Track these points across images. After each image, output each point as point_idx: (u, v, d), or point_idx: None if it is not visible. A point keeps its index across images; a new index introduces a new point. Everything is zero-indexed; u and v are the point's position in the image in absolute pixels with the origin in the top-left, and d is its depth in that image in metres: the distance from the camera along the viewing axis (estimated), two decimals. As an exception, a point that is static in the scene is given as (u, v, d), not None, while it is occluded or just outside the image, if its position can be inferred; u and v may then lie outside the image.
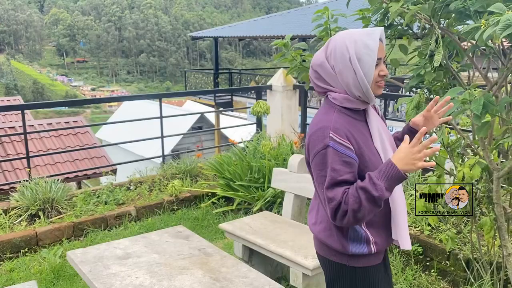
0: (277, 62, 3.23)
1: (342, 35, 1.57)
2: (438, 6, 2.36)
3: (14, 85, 77.83)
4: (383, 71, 1.54)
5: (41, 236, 3.57)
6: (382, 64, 1.56)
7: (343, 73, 1.52)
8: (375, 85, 1.54)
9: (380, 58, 1.53)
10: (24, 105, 4.50)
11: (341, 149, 1.46)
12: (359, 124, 1.56)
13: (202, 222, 4.16)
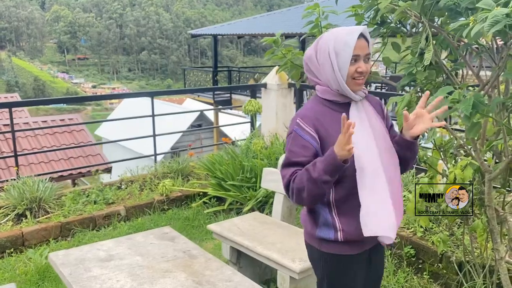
0: (275, 60, 3.16)
1: (330, 31, 1.67)
2: (428, 3, 2.29)
3: (15, 82, 77.87)
4: (360, 67, 1.59)
5: (27, 236, 3.51)
6: (362, 61, 1.60)
7: (324, 66, 1.62)
8: (352, 80, 1.60)
9: (358, 55, 1.58)
10: (11, 103, 4.43)
11: (302, 134, 1.59)
12: (339, 117, 1.55)
13: (193, 222, 4.10)
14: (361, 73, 1.59)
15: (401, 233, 3.47)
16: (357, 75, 1.59)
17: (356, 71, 1.58)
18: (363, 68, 1.59)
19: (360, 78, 1.60)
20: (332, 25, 2.89)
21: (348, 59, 1.56)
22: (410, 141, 1.65)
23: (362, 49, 1.58)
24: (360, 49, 1.58)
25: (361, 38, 1.59)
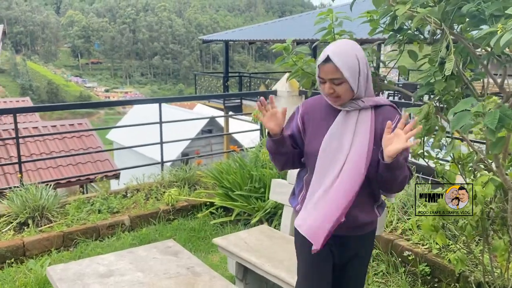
0: (283, 66, 3.02)
1: None
2: (449, 9, 2.15)
3: (29, 85, 78.85)
4: (324, 90, 1.72)
5: (28, 246, 3.42)
6: (327, 84, 1.70)
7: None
8: (327, 96, 1.76)
9: (323, 78, 1.70)
10: (15, 109, 4.37)
11: (294, 116, 1.91)
12: (332, 115, 1.78)
13: (199, 233, 3.97)
14: (330, 94, 1.71)
15: (415, 249, 3.31)
16: (326, 94, 1.73)
17: (324, 91, 1.72)
18: (326, 91, 1.71)
19: (331, 97, 1.72)
20: (345, 32, 2.76)
21: (317, 79, 1.74)
22: (384, 162, 1.66)
23: (326, 73, 1.68)
24: (324, 73, 1.69)
25: (327, 63, 1.67)
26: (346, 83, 1.69)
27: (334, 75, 1.67)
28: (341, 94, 1.70)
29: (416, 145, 2.66)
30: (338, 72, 1.67)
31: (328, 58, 1.66)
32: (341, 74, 1.67)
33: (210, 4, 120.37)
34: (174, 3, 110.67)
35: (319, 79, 1.72)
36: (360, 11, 2.71)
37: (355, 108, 1.74)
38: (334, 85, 1.69)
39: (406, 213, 3.73)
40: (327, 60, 1.67)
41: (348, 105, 1.74)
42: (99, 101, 16.63)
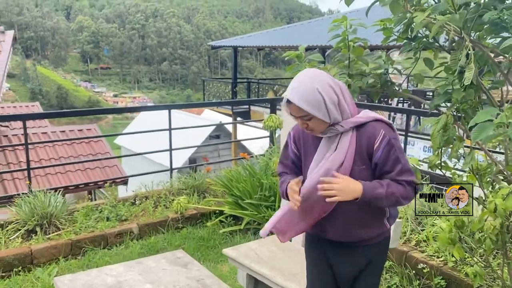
0: (292, 72, 2.96)
1: None
2: (469, 17, 2.09)
3: (39, 90, 79.60)
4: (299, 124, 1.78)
5: (36, 254, 3.38)
6: (299, 120, 1.74)
7: None
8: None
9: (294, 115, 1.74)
10: (25, 115, 4.35)
11: (289, 143, 1.96)
12: (318, 140, 1.82)
13: (208, 242, 3.91)
14: (305, 129, 1.76)
15: (430, 262, 3.23)
16: (303, 129, 1.79)
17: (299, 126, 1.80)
18: (300, 126, 1.78)
19: (307, 131, 1.78)
20: (359, 39, 2.71)
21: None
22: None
23: (294, 112, 1.73)
24: (293, 112, 1.73)
25: (290, 104, 1.71)
26: (316, 118, 1.70)
27: (300, 113, 1.70)
28: (314, 128, 1.74)
29: (433, 156, 2.60)
30: (303, 110, 1.69)
31: (288, 101, 1.70)
32: (306, 112, 1.69)
33: (219, 10, 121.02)
34: (183, 9, 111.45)
35: (293, 117, 1.76)
36: (372, 17, 2.66)
37: (335, 133, 1.77)
38: (305, 121, 1.72)
39: (420, 224, 3.65)
40: (288, 102, 1.71)
41: (328, 131, 1.76)
42: (108, 108, 16.67)
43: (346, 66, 2.79)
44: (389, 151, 1.75)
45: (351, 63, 2.77)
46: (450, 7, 2.06)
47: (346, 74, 2.75)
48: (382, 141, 1.75)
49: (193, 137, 17.94)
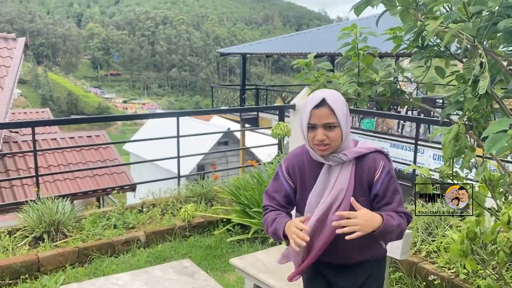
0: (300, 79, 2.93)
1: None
2: (483, 25, 2.05)
3: (49, 96, 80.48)
4: (317, 136, 1.64)
5: (43, 262, 3.37)
6: (319, 129, 1.64)
7: (301, 129, 1.73)
8: (314, 146, 1.69)
9: (315, 124, 1.64)
10: (34, 122, 4.37)
11: (280, 175, 1.85)
12: (316, 170, 1.76)
13: (215, 251, 3.88)
14: (321, 141, 1.64)
15: (441, 273, 3.16)
16: (316, 142, 1.65)
17: (315, 138, 1.65)
18: (319, 137, 1.63)
19: (320, 145, 1.66)
20: (369, 47, 2.67)
21: (305, 127, 1.67)
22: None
23: (319, 118, 1.63)
24: (317, 118, 1.63)
25: (322, 107, 1.63)
26: (338, 129, 1.66)
27: (328, 119, 1.64)
28: (331, 141, 1.66)
29: (445, 166, 2.56)
30: (333, 116, 1.64)
31: (323, 101, 1.64)
32: (335, 118, 1.64)
33: (228, 17, 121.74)
34: (192, 17, 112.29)
35: (309, 125, 1.66)
36: (382, 24, 2.63)
37: (338, 162, 1.72)
38: (327, 131, 1.65)
39: (431, 235, 3.59)
40: (322, 103, 1.64)
41: (331, 158, 1.71)
42: (115, 115, 16.78)
43: (355, 74, 2.76)
44: (388, 182, 1.73)
45: (360, 71, 2.74)
46: (463, 15, 2.03)
47: (356, 82, 2.71)
48: (383, 172, 1.72)
49: (202, 144, 17.97)
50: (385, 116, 10.67)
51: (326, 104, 1.64)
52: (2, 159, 7.80)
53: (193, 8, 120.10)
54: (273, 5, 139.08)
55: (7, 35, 9.20)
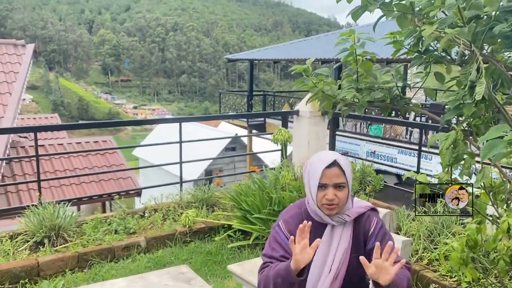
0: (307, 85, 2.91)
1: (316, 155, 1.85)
2: (480, 29, 2.02)
3: (61, 102, 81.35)
4: (327, 195, 1.70)
5: (42, 266, 3.37)
6: (330, 189, 1.70)
7: (306, 186, 1.80)
8: (322, 206, 1.74)
9: (326, 184, 1.70)
10: (36, 127, 4.41)
11: (280, 234, 1.83)
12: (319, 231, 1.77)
13: (215, 257, 3.86)
14: (330, 201, 1.70)
15: (443, 282, 3.11)
16: (325, 202, 1.71)
17: (324, 198, 1.71)
18: (330, 196, 1.69)
19: (330, 205, 1.71)
20: (368, 53, 2.65)
21: (314, 186, 1.72)
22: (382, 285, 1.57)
23: (330, 178, 1.70)
24: (328, 178, 1.70)
25: (333, 167, 1.71)
26: (346, 189, 1.74)
27: (339, 179, 1.72)
28: (340, 201, 1.72)
29: (443, 173, 2.52)
30: (343, 176, 1.73)
31: (335, 162, 1.72)
32: (345, 178, 1.73)
33: (237, 23, 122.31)
34: (202, 23, 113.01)
35: (320, 185, 1.71)
36: (384, 31, 2.61)
37: (341, 222, 1.78)
38: (336, 191, 1.71)
39: (433, 242, 3.54)
40: (333, 163, 1.72)
41: (336, 219, 1.77)
42: (121, 120, 16.69)
43: (354, 80, 2.74)
44: (383, 236, 1.79)
45: (359, 77, 2.72)
46: (458, 20, 2.00)
47: (354, 88, 2.69)
48: (377, 227, 1.80)
49: (210, 149, 17.99)
50: (388, 122, 10.59)
51: (338, 164, 1.72)
52: (9, 164, 7.89)
53: (203, 14, 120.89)
54: (282, 11, 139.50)
55: (16, 41, 9.34)
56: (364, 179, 4.26)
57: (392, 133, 12.17)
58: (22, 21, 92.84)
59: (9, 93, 7.85)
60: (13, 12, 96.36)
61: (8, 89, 8.06)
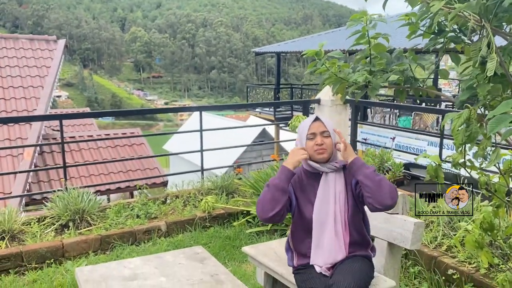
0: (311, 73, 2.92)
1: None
2: (491, 3, 1.97)
3: (95, 98, 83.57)
4: (317, 141, 2.12)
5: (67, 248, 3.52)
6: (318, 136, 2.13)
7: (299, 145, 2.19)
8: (314, 152, 2.13)
9: (314, 133, 2.14)
10: (62, 115, 4.57)
11: None
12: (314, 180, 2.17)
13: (234, 242, 3.92)
14: (320, 145, 2.11)
15: (461, 267, 3.06)
16: (316, 148, 2.11)
17: (315, 144, 2.11)
18: (319, 141, 2.12)
19: (320, 149, 2.11)
20: (380, 34, 2.62)
21: (304, 138, 2.15)
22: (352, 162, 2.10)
23: (317, 128, 2.15)
24: (315, 128, 2.15)
25: (317, 121, 2.18)
26: (331, 138, 2.15)
27: (323, 128, 2.16)
28: (328, 147, 2.12)
29: (456, 154, 2.48)
30: (325, 127, 2.16)
31: (317, 118, 2.20)
32: (327, 128, 2.16)
33: (267, 18, 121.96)
34: (231, 18, 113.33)
35: (309, 135, 2.14)
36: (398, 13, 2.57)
37: (332, 169, 2.15)
38: (324, 138, 2.12)
39: (453, 229, 3.47)
40: (317, 119, 2.19)
41: (327, 166, 2.14)
42: (136, 109, 16.81)
43: (367, 63, 2.71)
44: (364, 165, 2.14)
45: (372, 59, 2.69)
46: (467, -7, 1.96)
47: (367, 71, 2.66)
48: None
49: (239, 142, 18.15)
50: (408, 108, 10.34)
51: (319, 120, 2.18)
52: (42, 155, 8.22)
53: (233, 10, 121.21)
54: (312, 5, 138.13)
55: (48, 37, 9.67)
56: (382, 165, 4.20)
57: (421, 124, 11.90)
58: (57, 20, 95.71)
59: (41, 86, 8.15)
60: (49, 12, 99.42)
61: (41, 83, 8.37)
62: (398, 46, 2.65)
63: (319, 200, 2.14)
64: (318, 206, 2.14)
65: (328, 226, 2.13)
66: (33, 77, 8.44)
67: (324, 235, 2.14)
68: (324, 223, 2.13)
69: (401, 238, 2.51)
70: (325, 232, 2.13)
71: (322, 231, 2.13)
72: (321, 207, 2.13)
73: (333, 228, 2.12)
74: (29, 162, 6.96)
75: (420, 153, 11.43)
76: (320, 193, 2.14)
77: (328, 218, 2.12)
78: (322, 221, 2.12)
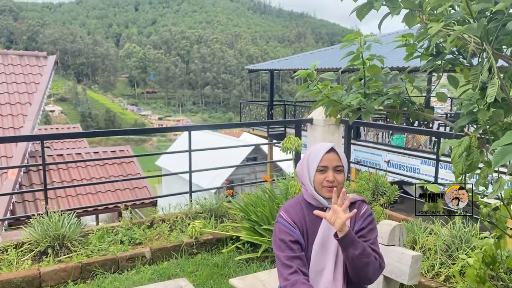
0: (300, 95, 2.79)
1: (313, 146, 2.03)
2: (492, 26, 1.85)
3: (88, 113, 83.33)
4: (328, 177, 1.87)
5: (44, 277, 3.31)
6: (330, 172, 1.88)
7: (303, 174, 1.95)
8: (322, 188, 1.89)
9: (326, 166, 1.88)
10: (43, 136, 4.39)
11: (285, 223, 1.91)
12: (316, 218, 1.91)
13: (222, 270, 3.72)
14: (331, 182, 1.87)
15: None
16: (326, 184, 1.87)
17: (325, 179, 1.88)
18: (331, 178, 1.87)
19: (331, 186, 1.86)
20: (375, 56, 2.50)
21: (313, 169, 1.89)
22: (338, 239, 1.79)
23: (330, 161, 1.89)
24: (328, 161, 1.89)
25: (332, 152, 1.91)
26: (343, 174, 1.92)
27: (337, 162, 1.91)
28: (339, 184, 1.88)
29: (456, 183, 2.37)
30: (340, 161, 1.91)
31: (333, 148, 1.92)
32: (342, 163, 1.91)
33: (261, 35, 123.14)
34: (226, 35, 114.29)
35: (320, 167, 1.88)
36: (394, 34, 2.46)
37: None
38: (336, 174, 1.89)
39: (451, 257, 3.31)
40: (332, 149, 1.92)
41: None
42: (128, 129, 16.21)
43: (362, 85, 2.58)
44: (369, 222, 1.93)
45: (367, 82, 2.57)
46: (467, 15, 1.84)
47: (361, 93, 2.53)
48: (365, 213, 1.95)
49: (231, 159, 17.94)
50: (401, 130, 10.28)
51: (335, 151, 1.92)
52: (28, 173, 8.00)
53: (227, 27, 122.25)
54: (305, 23, 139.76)
55: (38, 53, 9.53)
56: (377, 189, 4.06)
57: (414, 143, 11.82)
58: (52, 36, 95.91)
59: (29, 103, 7.98)
60: (44, 27, 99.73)
61: (29, 100, 8.20)
62: (392, 65, 2.53)
63: (318, 242, 1.90)
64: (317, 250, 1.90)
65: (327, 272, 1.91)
66: (21, 94, 8.27)
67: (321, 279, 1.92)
68: (323, 269, 1.91)
69: (398, 272, 2.35)
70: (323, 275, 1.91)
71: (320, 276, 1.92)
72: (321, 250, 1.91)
73: (332, 273, 1.90)
74: (13, 181, 6.74)
75: (413, 172, 11.33)
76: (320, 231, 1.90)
77: (328, 263, 1.90)
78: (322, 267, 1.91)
